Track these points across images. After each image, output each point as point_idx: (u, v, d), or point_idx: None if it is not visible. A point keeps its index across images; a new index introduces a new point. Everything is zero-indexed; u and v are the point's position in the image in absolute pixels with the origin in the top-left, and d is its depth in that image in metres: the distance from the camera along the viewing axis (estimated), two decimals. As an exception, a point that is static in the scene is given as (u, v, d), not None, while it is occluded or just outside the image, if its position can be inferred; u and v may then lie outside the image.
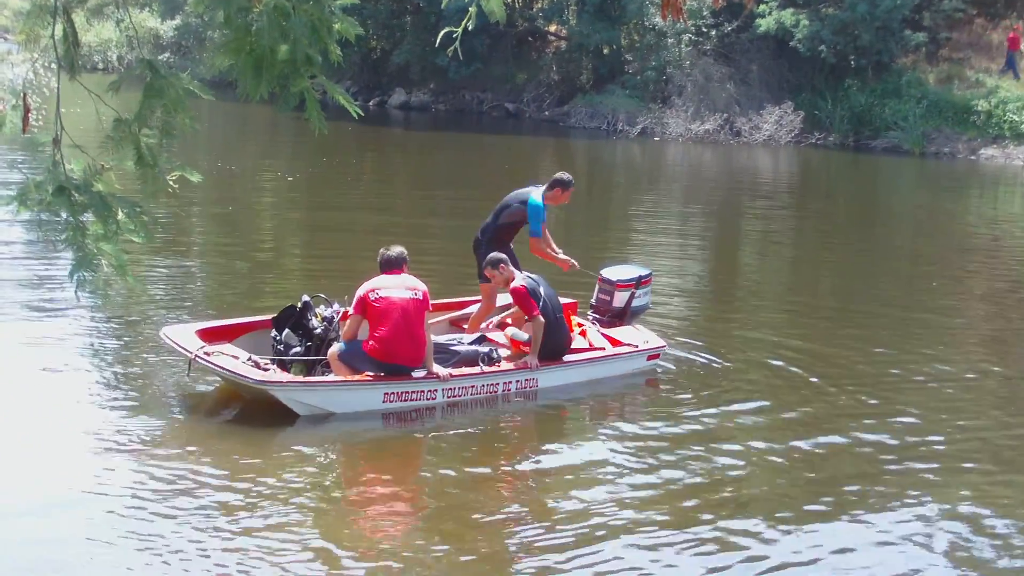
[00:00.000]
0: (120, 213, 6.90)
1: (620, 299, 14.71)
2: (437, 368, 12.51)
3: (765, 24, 48.19)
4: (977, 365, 15.77)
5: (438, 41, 7.57)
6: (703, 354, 15.04)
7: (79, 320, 14.95)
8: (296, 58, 6.35)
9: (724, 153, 45.18)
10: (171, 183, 7.19)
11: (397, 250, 12.53)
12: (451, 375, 12.53)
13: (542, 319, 13.08)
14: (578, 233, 24.37)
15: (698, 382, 14.01)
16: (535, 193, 14.11)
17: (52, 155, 6.88)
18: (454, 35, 7.01)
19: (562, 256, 14.64)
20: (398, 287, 12.24)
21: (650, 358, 14.16)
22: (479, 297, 14.51)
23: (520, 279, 13.29)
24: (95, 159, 6.98)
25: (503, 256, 13.51)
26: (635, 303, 14.80)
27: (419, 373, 12.44)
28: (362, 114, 7.20)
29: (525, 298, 13.10)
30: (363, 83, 57.67)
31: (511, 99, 55.44)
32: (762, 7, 47.85)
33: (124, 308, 15.74)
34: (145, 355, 13.77)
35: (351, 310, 12.30)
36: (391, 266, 12.43)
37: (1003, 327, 18.47)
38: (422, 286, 12.38)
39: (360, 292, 12.23)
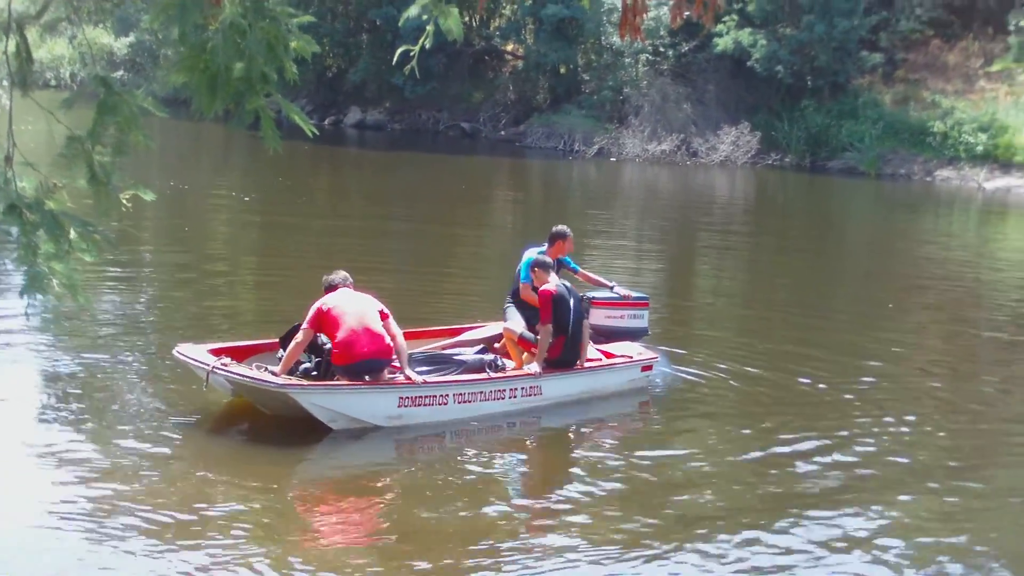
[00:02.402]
0: (72, 232, 6.80)
1: None
2: (410, 373, 12.61)
3: (723, 44, 48.41)
4: (933, 380, 16.16)
5: (395, 59, 7.49)
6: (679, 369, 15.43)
7: (33, 342, 14.73)
8: (251, 76, 6.27)
9: (680, 173, 45.31)
10: (124, 201, 7.09)
11: (342, 273, 12.83)
12: (425, 382, 12.64)
13: (550, 327, 13.45)
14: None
15: (666, 399, 14.53)
16: (530, 252, 14.72)
17: (3, 173, 6.77)
18: (411, 53, 6.93)
19: (601, 280, 15.84)
20: (351, 298, 12.49)
21: (644, 369, 14.66)
22: (471, 324, 15.29)
23: (551, 284, 13.65)
24: (47, 177, 6.88)
25: (551, 262, 14.09)
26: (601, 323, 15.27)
27: (400, 378, 12.54)
28: (317, 133, 7.14)
29: (546, 303, 13.49)
30: (318, 101, 57.42)
31: (467, 118, 55.36)
32: (720, 27, 48.06)
33: (76, 329, 15.56)
34: (122, 374, 13.74)
35: (305, 324, 12.29)
36: (336, 287, 12.67)
37: (958, 346, 18.61)
38: (376, 301, 12.60)
39: (315, 306, 12.34)
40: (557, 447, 13.16)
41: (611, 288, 15.50)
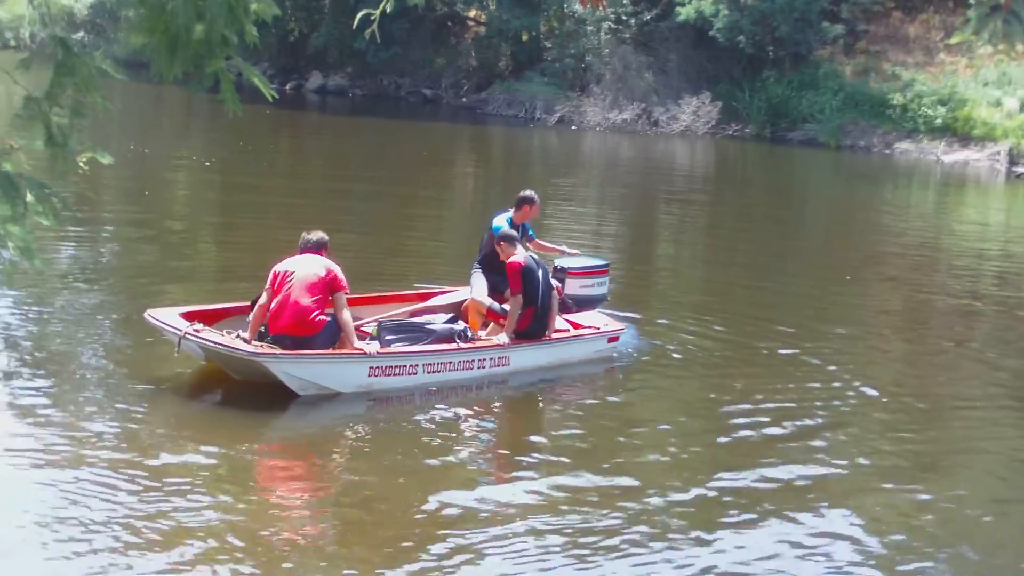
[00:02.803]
0: (28, 194, 6.75)
1: None
2: (361, 344, 12.60)
3: (685, 13, 48.46)
4: (893, 344, 16.51)
5: (355, 23, 7.47)
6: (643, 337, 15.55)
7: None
8: (212, 38, 6.23)
9: (641, 142, 45.39)
10: (82, 164, 7.04)
11: (317, 235, 12.66)
12: (378, 352, 12.66)
13: (520, 297, 13.50)
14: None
15: (631, 367, 14.58)
16: (498, 219, 14.80)
17: (-41, 133, 6.71)
18: (372, 17, 6.92)
19: (552, 246, 15.93)
20: (303, 265, 12.36)
21: (610, 340, 14.75)
22: (439, 289, 15.39)
23: (519, 256, 13.67)
24: (3, 138, 6.82)
25: (515, 235, 14.06)
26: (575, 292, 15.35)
27: (363, 346, 12.63)
28: (277, 96, 7.10)
29: (515, 275, 13.51)
30: (280, 65, 57.17)
31: (429, 84, 55.28)
32: (682, -5, 48.20)
33: (33, 291, 15.46)
34: (87, 336, 13.65)
35: (266, 286, 12.40)
36: (309, 249, 12.54)
37: (916, 313, 18.76)
38: (334, 267, 12.40)
39: (273, 267, 12.41)
40: (524, 416, 13.19)
41: (563, 252, 15.57)
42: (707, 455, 11.58)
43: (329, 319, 12.34)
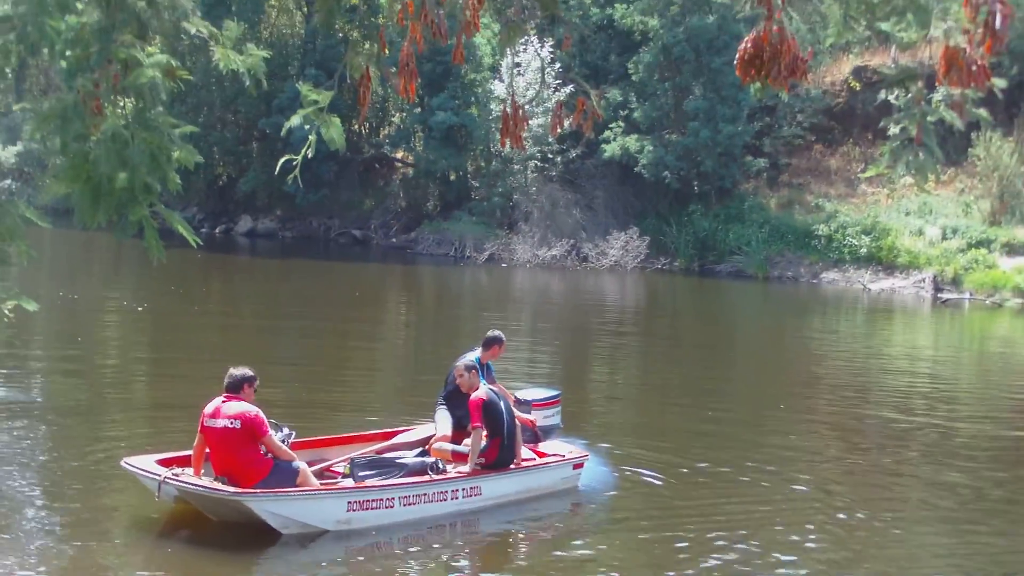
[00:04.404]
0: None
1: None
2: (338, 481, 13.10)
3: (610, 150, 49.01)
4: (829, 469, 16.37)
5: (278, 168, 7.55)
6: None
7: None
8: (135, 186, 6.28)
9: (572, 278, 45.64)
10: (7, 312, 7.05)
11: (240, 373, 12.52)
12: (355, 487, 12.82)
13: (482, 430, 13.60)
14: (426, 359, 24.40)
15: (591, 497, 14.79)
16: (469, 356, 15.04)
17: None
18: (293, 163, 7.01)
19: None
20: (220, 416, 12.26)
21: (575, 467, 14.86)
22: (401, 428, 15.40)
23: (482, 392, 13.84)
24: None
25: (475, 365, 14.36)
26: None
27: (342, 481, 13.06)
28: (200, 243, 7.15)
29: (476, 409, 13.63)
30: (209, 210, 57.28)
31: (358, 225, 55.43)
32: (607, 133, 48.70)
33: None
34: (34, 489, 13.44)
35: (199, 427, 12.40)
36: (228, 390, 12.43)
37: (853, 430, 18.86)
38: (250, 413, 12.27)
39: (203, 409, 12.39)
40: (495, 554, 13.29)
41: (515, 399, 15.63)
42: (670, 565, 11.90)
43: (273, 461, 12.37)
